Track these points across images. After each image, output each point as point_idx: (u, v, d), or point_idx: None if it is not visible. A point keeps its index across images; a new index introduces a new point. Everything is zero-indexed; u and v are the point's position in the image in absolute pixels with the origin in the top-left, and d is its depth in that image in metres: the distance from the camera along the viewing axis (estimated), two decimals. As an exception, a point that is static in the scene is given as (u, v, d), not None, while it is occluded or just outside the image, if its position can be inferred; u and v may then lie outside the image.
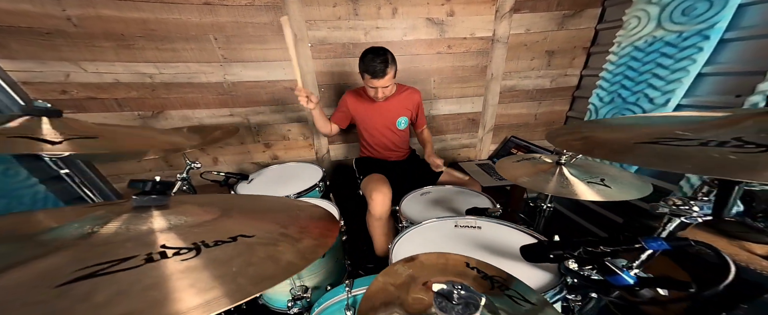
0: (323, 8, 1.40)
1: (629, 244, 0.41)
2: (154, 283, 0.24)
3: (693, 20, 1.04)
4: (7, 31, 1.22)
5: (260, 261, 0.33)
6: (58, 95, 1.41)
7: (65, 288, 0.21)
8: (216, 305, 0.23)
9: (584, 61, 1.70)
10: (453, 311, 0.33)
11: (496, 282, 0.45)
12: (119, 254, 0.28)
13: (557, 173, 0.84)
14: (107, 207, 0.39)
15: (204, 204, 0.48)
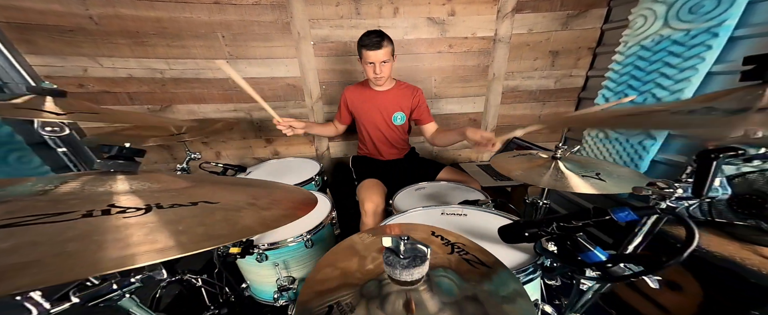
0: (326, 7, 1.44)
1: (599, 216, 0.39)
2: (78, 235, 0.23)
3: (701, 18, 1.00)
4: (36, 29, 1.31)
5: (214, 223, 0.32)
6: (76, 88, 1.49)
7: None
8: (130, 260, 0.21)
9: (590, 62, 1.65)
10: (399, 265, 0.31)
11: (457, 247, 0.47)
12: (58, 209, 0.27)
13: (552, 167, 0.81)
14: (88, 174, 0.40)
15: (180, 177, 0.49)
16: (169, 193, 0.39)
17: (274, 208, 0.41)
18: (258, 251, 0.85)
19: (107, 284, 0.43)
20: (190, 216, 0.32)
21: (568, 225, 0.40)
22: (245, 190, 0.48)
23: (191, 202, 0.36)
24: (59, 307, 0.38)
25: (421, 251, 0.33)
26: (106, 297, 0.42)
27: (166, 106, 1.62)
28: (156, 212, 0.31)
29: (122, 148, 0.40)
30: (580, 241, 0.41)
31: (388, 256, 0.33)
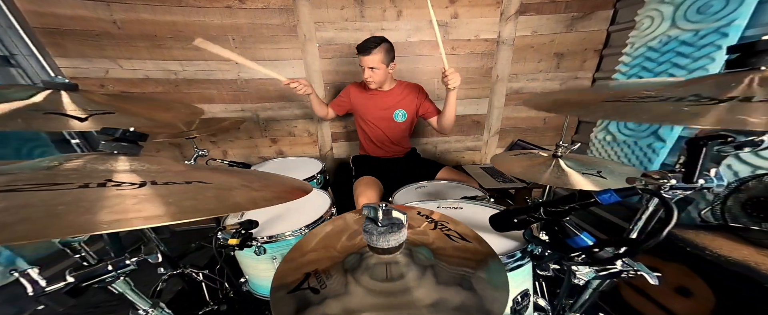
0: (331, 10, 1.49)
1: (584, 199, 0.38)
2: (69, 201, 0.25)
3: (709, 18, 0.99)
4: (66, 33, 1.41)
5: (204, 199, 0.33)
6: (97, 89, 1.58)
7: None
8: (115, 224, 0.22)
9: (597, 64, 1.63)
10: (376, 232, 0.32)
11: (440, 224, 0.50)
12: (56, 181, 0.29)
13: (553, 165, 0.79)
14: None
15: (181, 163, 0.51)
16: (166, 173, 0.41)
17: (266, 190, 0.42)
18: (256, 244, 0.86)
19: (103, 265, 0.44)
20: (182, 192, 0.34)
21: (555, 209, 0.40)
22: (241, 176, 0.49)
23: (186, 181, 0.38)
24: (54, 285, 0.40)
25: (398, 219, 0.34)
26: (100, 278, 0.44)
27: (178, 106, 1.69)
28: (149, 187, 0.32)
29: (126, 131, 0.42)
30: (567, 226, 0.40)
31: (366, 225, 0.34)
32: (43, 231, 0.19)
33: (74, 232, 0.20)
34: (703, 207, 0.94)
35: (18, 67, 1.36)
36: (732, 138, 0.34)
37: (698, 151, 0.34)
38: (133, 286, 0.50)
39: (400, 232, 0.35)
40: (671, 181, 0.37)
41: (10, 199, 0.22)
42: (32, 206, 0.22)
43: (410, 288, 0.36)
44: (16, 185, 0.25)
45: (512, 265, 0.49)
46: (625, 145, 1.38)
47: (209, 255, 1.59)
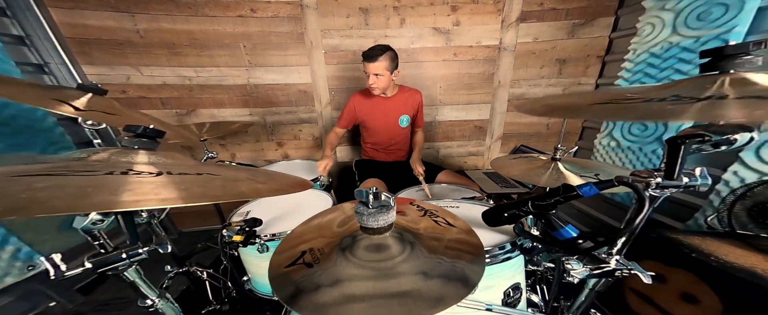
0: (337, 18, 1.55)
1: (567, 192, 0.40)
2: (97, 184, 0.28)
3: (709, 25, 1.00)
4: (94, 42, 1.51)
5: (213, 187, 0.37)
6: (119, 94, 1.68)
7: (29, 177, 0.27)
8: (134, 204, 0.26)
9: (599, 70, 1.63)
10: (367, 213, 0.35)
11: (429, 212, 0.55)
12: (86, 169, 0.33)
13: (552, 168, 0.80)
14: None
15: (193, 160, 0.55)
16: (180, 166, 0.44)
17: (270, 183, 0.46)
18: (260, 242, 0.89)
19: (117, 253, 0.47)
20: (193, 181, 0.37)
21: (541, 203, 0.42)
22: (247, 172, 0.53)
23: (197, 172, 0.41)
24: (74, 270, 0.43)
25: (387, 202, 0.37)
26: (114, 265, 0.47)
27: (191, 110, 1.77)
28: (166, 176, 0.36)
29: (146, 128, 0.46)
30: (552, 218, 0.42)
31: (359, 207, 0.37)
32: (76, 205, 0.22)
33: (101, 208, 0.23)
34: (710, 214, 0.92)
35: (50, 75, 1.46)
36: (709, 137, 0.35)
37: (677, 149, 0.35)
38: (143, 275, 0.53)
39: (388, 213, 0.38)
40: (657, 179, 0.38)
41: (50, 181, 0.26)
42: (67, 187, 0.25)
43: (397, 262, 0.40)
44: (53, 172, 0.29)
45: (502, 256, 0.50)
46: (629, 151, 1.37)
47: (214, 256, 1.63)
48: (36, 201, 0.21)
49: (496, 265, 0.50)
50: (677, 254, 0.82)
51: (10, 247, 1.15)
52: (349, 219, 0.52)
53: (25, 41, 1.37)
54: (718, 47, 0.36)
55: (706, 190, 0.37)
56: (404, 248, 0.42)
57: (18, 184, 0.23)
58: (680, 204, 1.16)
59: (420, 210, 0.55)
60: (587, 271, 0.49)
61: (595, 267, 0.49)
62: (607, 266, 0.48)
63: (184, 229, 2.01)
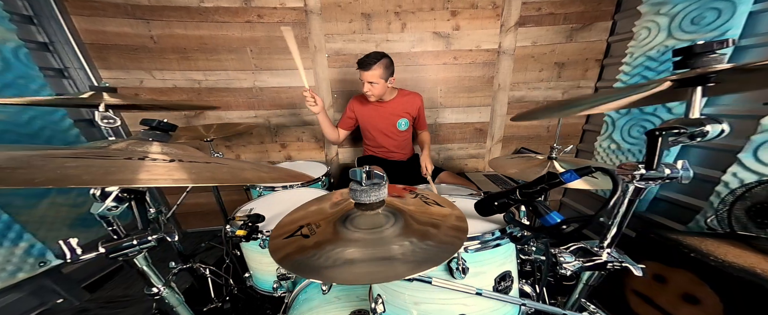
0: (340, 23, 1.61)
1: (551, 179, 0.42)
2: (118, 166, 0.32)
3: (703, 28, 1.02)
4: (111, 48, 1.59)
5: (220, 172, 0.40)
6: (132, 97, 1.75)
7: (60, 158, 0.30)
8: (153, 182, 0.29)
9: (598, 73, 1.65)
10: (360, 189, 0.37)
11: (421, 195, 0.59)
12: (107, 154, 0.36)
13: (548, 167, 0.82)
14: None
15: (203, 153, 0.58)
16: (191, 157, 0.48)
17: (272, 173, 0.49)
18: (262, 237, 0.92)
19: (128, 239, 0.50)
20: (203, 167, 0.40)
21: (528, 191, 0.44)
22: (252, 164, 0.56)
23: (206, 161, 0.45)
24: (89, 254, 0.46)
25: (379, 179, 0.40)
26: (125, 251, 0.50)
27: (199, 112, 1.83)
28: (178, 163, 0.39)
29: (160, 122, 0.50)
30: (539, 205, 0.44)
31: (352, 185, 0.41)
32: (103, 180, 0.25)
33: (124, 184, 0.26)
34: (709, 215, 0.92)
35: (69, 79, 1.54)
36: (684, 129, 0.37)
37: (655, 140, 0.37)
38: (151, 263, 0.56)
39: (380, 190, 0.41)
40: (641, 171, 0.40)
41: (79, 162, 0.29)
42: (94, 166, 0.29)
43: (387, 232, 0.43)
44: (80, 155, 0.33)
45: (492, 243, 0.52)
46: (630, 154, 1.37)
47: (217, 255, 1.65)
48: (68, 176, 0.24)
49: (487, 251, 0.52)
50: (677, 254, 0.82)
51: (24, 243, 1.19)
52: (343, 201, 0.55)
53: (49, 47, 1.46)
54: (688, 46, 0.38)
55: (687, 182, 0.39)
56: (393, 221, 0.46)
57: (52, 162, 0.27)
58: (681, 206, 1.16)
59: (411, 193, 0.59)
60: (579, 263, 0.50)
61: (587, 260, 0.50)
62: (598, 259, 0.50)
63: (188, 229, 2.04)
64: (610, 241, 0.49)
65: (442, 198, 0.57)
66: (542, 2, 1.54)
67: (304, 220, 0.51)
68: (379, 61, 1.27)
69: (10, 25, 1.27)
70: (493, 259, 0.53)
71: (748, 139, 0.91)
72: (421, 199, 0.56)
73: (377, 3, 1.57)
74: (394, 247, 0.40)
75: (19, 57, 1.29)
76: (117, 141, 0.45)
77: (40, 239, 1.24)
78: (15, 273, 1.16)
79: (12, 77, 1.25)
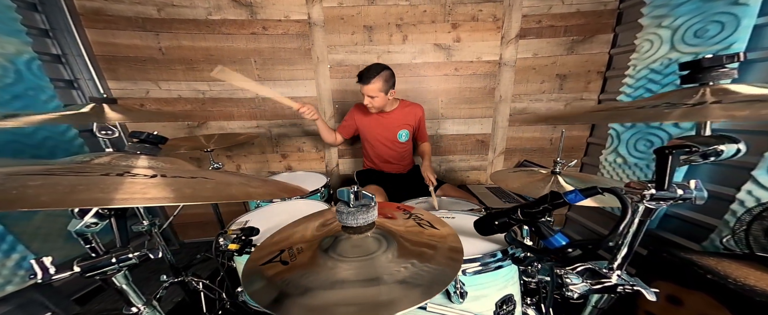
0: (343, 35, 1.64)
1: (555, 199, 0.39)
2: (89, 183, 0.30)
3: (707, 42, 1.01)
4: (120, 60, 1.63)
5: (203, 188, 0.37)
6: (138, 107, 1.78)
7: (24, 176, 0.29)
8: (122, 202, 0.27)
9: (601, 85, 1.63)
10: (346, 211, 0.34)
11: (413, 215, 0.55)
12: (84, 170, 0.35)
13: (552, 182, 0.79)
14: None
15: (193, 166, 0.57)
16: (177, 171, 0.46)
17: (262, 188, 0.46)
18: (255, 251, 0.88)
19: (107, 257, 0.48)
20: (185, 183, 0.38)
21: (530, 211, 0.41)
22: (244, 177, 0.54)
23: (191, 176, 0.43)
24: (62, 274, 0.44)
25: (368, 201, 0.37)
26: (103, 269, 0.47)
27: (202, 123, 1.85)
28: (159, 179, 0.37)
29: (150, 134, 0.49)
30: (542, 226, 0.41)
31: (340, 206, 0.38)
32: (62, 200, 0.23)
33: (86, 205, 0.24)
34: (725, 234, 0.87)
35: (79, 90, 1.58)
36: (696, 148, 0.35)
37: (665, 158, 0.35)
38: (131, 281, 0.53)
39: (368, 212, 0.38)
40: (650, 190, 0.37)
41: (45, 179, 0.27)
42: (59, 184, 0.27)
43: (376, 258, 0.39)
44: (51, 172, 0.31)
45: (493, 265, 0.49)
46: (637, 169, 1.33)
47: (213, 267, 1.61)
48: (24, 196, 0.22)
49: (488, 273, 0.48)
50: (692, 275, 0.76)
51: (16, 254, 1.17)
52: (330, 221, 0.52)
53: (61, 59, 1.50)
54: (696, 60, 0.37)
55: (702, 202, 0.36)
56: (383, 245, 0.42)
57: (13, 181, 0.25)
58: (694, 224, 1.10)
59: (405, 214, 0.55)
60: (587, 286, 0.46)
61: (596, 282, 0.46)
62: (607, 281, 0.46)
63: (186, 239, 2.01)
64: (620, 263, 0.45)
65: (439, 220, 0.54)
66: (542, 15, 1.55)
67: (288, 242, 0.48)
68: (379, 75, 1.27)
69: (27, 38, 1.32)
70: (493, 281, 0.49)
71: (762, 156, 0.87)
72: (414, 220, 0.52)
73: (379, 15, 1.60)
74: (385, 276, 0.37)
75: (31, 69, 1.32)
76: (101, 154, 0.44)
77: (34, 251, 1.23)
78: (3, 286, 1.14)
79: (23, 89, 1.27)
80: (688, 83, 0.38)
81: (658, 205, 0.37)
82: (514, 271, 0.52)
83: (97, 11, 1.51)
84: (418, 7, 1.58)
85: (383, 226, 0.47)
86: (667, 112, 0.32)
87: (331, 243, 0.43)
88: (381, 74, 1.27)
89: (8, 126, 0.52)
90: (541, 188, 0.77)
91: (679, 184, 0.36)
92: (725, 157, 0.34)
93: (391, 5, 1.58)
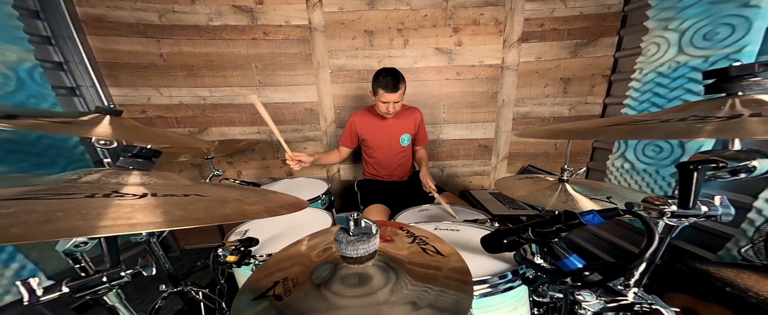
0: (343, 40, 1.63)
1: (570, 219, 0.36)
2: (68, 208, 0.27)
3: (717, 45, 0.98)
4: (122, 66, 1.63)
5: (195, 209, 0.35)
6: (139, 114, 1.78)
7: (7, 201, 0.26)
8: (104, 230, 0.25)
9: (606, 89, 1.60)
10: (345, 241, 0.32)
11: (418, 239, 0.50)
12: (69, 191, 0.33)
13: (559, 190, 0.76)
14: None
15: (188, 179, 0.54)
16: (170, 187, 0.44)
17: (259, 205, 0.44)
18: (254, 262, 0.86)
19: (98, 276, 0.46)
20: (176, 203, 0.36)
21: (542, 230, 0.38)
22: (241, 192, 0.52)
23: (184, 194, 0.41)
24: (50, 294, 0.42)
25: (368, 229, 0.34)
26: (93, 289, 0.45)
27: (203, 128, 1.84)
28: (148, 199, 0.35)
29: (142, 148, 0.47)
30: (555, 247, 0.38)
31: (338, 234, 0.35)
32: (35, 233, 0.21)
33: (63, 236, 0.22)
34: (743, 244, 0.83)
35: (80, 97, 1.58)
36: (724, 163, 0.32)
37: (690, 175, 0.32)
38: (125, 299, 0.51)
39: (369, 241, 0.35)
40: (672, 207, 0.34)
41: (20, 206, 0.25)
42: (35, 212, 0.25)
43: (378, 296, 0.35)
44: (31, 194, 0.29)
45: (503, 286, 0.46)
46: (646, 174, 1.29)
47: (211, 276, 1.59)
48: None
49: (497, 295, 0.45)
50: (709, 287, 0.73)
51: (15, 264, 1.16)
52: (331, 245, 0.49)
53: (63, 66, 1.50)
54: (723, 68, 0.34)
55: (729, 220, 0.33)
56: (386, 280, 0.38)
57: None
58: (709, 233, 1.06)
59: (408, 235, 0.52)
60: (601, 304, 0.43)
61: (611, 300, 0.43)
62: (623, 299, 0.43)
63: (186, 246, 2.00)
64: (637, 279, 0.42)
65: (443, 242, 0.49)
66: (545, 18, 1.53)
67: (286, 270, 0.44)
68: (402, 80, 1.27)
69: (29, 46, 1.32)
70: (502, 304, 0.46)
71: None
72: (419, 245, 0.48)
73: (380, 20, 1.59)
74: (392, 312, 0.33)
75: (33, 77, 1.32)
76: (91, 171, 0.42)
77: (33, 260, 1.21)
78: (2, 296, 1.12)
79: (25, 97, 1.27)
80: (714, 93, 0.36)
81: (679, 221, 0.35)
82: (524, 290, 0.49)
83: (99, 18, 1.51)
84: (419, 12, 1.56)
85: (385, 253, 0.44)
86: (698, 127, 0.29)
87: (328, 275, 0.40)
88: (404, 80, 1.28)
89: (5, 127, 0.50)
90: (548, 197, 0.74)
91: (703, 200, 0.33)
92: (758, 174, 0.31)
93: (392, 10, 1.57)
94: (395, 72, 1.27)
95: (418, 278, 0.39)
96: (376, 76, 1.28)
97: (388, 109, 1.31)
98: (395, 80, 1.24)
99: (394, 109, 1.32)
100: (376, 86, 1.28)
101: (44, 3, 1.40)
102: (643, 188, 1.27)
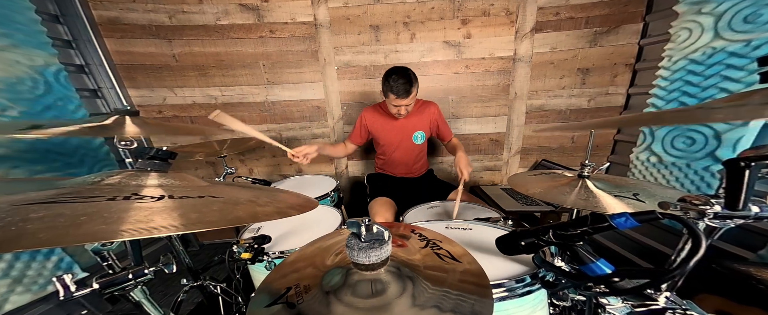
0: (349, 36, 1.61)
1: (597, 223, 0.33)
2: (91, 212, 0.28)
3: (760, 27, 0.89)
4: (138, 68, 1.69)
5: (209, 211, 0.36)
6: (156, 114, 1.84)
7: (27, 206, 0.28)
8: (125, 235, 0.26)
9: (630, 79, 1.51)
10: (357, 247, 0.31)
11: (431, 243, 0.48)
12: (93, 194, 0.34)
13: (579, 187, 0.72)
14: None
15: (204, 180, 0.56)
16: (186, 189, 0.45)
17: (270, 206, 0.44)
18: (267, 259, 0.88)
19: (124, 273, 0.48)
20: (192, 206, 0.37)
21: (565, 233, 0.35)
22: (253, 192, 0.52)
23: (199, 195, 0.41)
24: (82, 290, 0.44)
25: (381, 236, 0.33)
26: (120, 285, 0.47)
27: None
28: (166, 201, 0.36)
29: (158, 150, 0.48)
30: (580, 251, 0.35)
31: (349, 240, 0.34)
32: (62, 237, 0.22)
33: (86, 240, 0.23)
34: None
35: (102, 99, 1.65)
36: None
37: (740, 173, 0.29)
38: (149, 295, 0.53)
39: (381, 248, 0.34)
40: (715, 208, 0.31)
41: (48, 209, 0.27)
42: (62, 216, 0.26)
43: (392, 307, 0.34)
44: (58, 198, 0.30)
45: (520, 290, 0.44)
46: (675, 168, 1.21)
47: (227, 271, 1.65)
48: (23, 233, 0.21)
49: (514, 299, 0.43)
50: (748, 290, 0.68)
51: (54, 257, 1.25)
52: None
53: (85, 69, 1.57)
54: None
55: None
56: (400, 287, 0.37)
57: (15, 214, 0.24)
58: (748, 230, 0.98)
59: (421, 239, 0.50)
60: (628, 308, 0.40)
61: (639, 304, 0.41)
62: (654, 304, 0.40)
63: (205, 241, 2.08)
64: (671, 283, 0.39)
65: (457, 245, 0.48)
66: (560, 6, 1.45)
67: (300, 272, 0.44)
68: (414, 83, 1.18)
69: (53, 50, 1.38)
70: (520, 308, 0.44)
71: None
72: (432, 250, 0.46)
73: (385, 15, 1.55)
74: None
75: (59, 80, 1.39)
76: (112, 173, 0.44)
77: (69, 253, 1.30)
78: (45, 286, 1.22)
79: (53, 99, 1.34)
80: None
81: (724, 223, 0.31)
82: (543, 294, 0.47)
83: (114, 20, 1.56)
84: (425, 4, 1.52)
85: (398, 258, 0.42)
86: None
87: (340, 281, 0.39)
88: (415, 82, 1.19)
89: (30, 137, 0.53)
90: (566, 194, 0.71)
91: (754, 199, 0.30)
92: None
93: (398, 3, 1.53)
94: (407, 73, 1.17)
95: (435, 283, 0.38)
96: (386, 77, 1.19)
97: (400, 112, 1.26)
98: (407, 84, 1.14)
99: (406, 111, 1.26)
100: (386, 90, 1.20)
101: (63, 7, 1.45)
102: (671, 183, 1.20)
